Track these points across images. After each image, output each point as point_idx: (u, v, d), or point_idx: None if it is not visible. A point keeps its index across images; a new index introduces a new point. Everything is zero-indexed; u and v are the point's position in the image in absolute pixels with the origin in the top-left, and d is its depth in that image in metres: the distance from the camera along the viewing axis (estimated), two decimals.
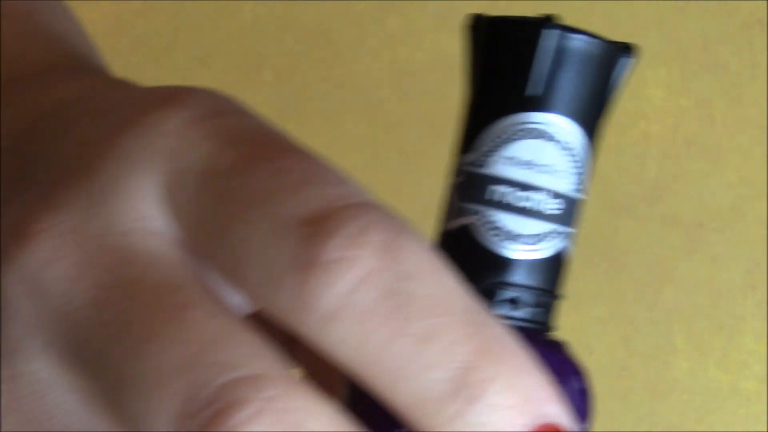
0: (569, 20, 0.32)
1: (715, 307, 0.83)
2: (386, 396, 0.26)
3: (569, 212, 0.30)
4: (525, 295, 0.30)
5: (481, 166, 0.29)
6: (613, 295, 0.83)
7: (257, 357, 0.26)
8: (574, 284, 0.92)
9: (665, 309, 0.83)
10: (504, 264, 0.29)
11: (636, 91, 0.83)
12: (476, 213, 0.29)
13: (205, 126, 0.28)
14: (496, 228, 0.29)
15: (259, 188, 0.27)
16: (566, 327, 0.95)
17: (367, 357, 0.26)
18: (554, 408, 0.27)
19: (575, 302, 0.83)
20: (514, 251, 0.29)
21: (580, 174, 0.30)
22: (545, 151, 0.29)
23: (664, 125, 0.83)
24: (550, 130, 0.29)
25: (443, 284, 0.26)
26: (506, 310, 0.30)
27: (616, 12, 0.83)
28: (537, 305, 0.30)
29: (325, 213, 0.26)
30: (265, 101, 0.86)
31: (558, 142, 0.30)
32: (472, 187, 0.29)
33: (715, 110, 0.83)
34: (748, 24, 0.83)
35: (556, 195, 0.29)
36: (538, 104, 0.30)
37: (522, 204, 0.29)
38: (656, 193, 0.83)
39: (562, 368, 0.30)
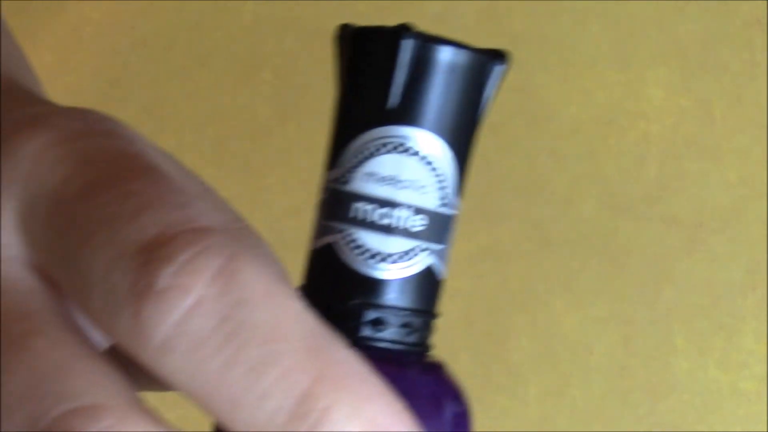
0: (569, 21, 0.32)
1: (715, 307, 0.83)
2: (228, 426, 0.26)
3: (436, 228, 0.29)
4: (392, 316, 0.29)
5: (344, 182, 0.29)
6: (613, 295, 0.83)
7: (96, 386, 0.26)
8: (574, 284, 0.92)
9: (665, 309, 0.83)
10: (368, 284, 0.28)
11: (636, 91, 0.83)
12: (340, 231, 0.29)
13: (64, 149, 0.28)
14: (359, 246, 0.28)
15: (104, 214, 0.26)
16: (566, 327, 0.95)
17: (203, 387, 0.25)
18: None
19: (575, 302, 0.83)
20: (378, 270, 0.28)
21: (444, 188, 0.29)
22: (407, 166, 0.28)
23: (664, 125, 0.83)
24: (410, 144, 0.28)
25: (281, 309, 0.26)
26: (371, 332, 0.29)
27: (616, 12, 0.83)
28: (405, 326, 0.29)
29: (162, 239, 0.26)
30: (265, 101, 0.86)
31: (420, 156, 0.28)
32: (335, 204, 0.29)
33: (715, 110, 0.83)
34: (748, 24, 0.83)
35: (420, 211, 0.29)
36: (398, 117, 0.28)
37: (384, 221, 0.28)
38: (656, 193, 0.83)
39: (438, 391, 0.29)
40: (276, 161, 0.80)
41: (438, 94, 0.28)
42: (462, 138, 0.29)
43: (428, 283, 0.29)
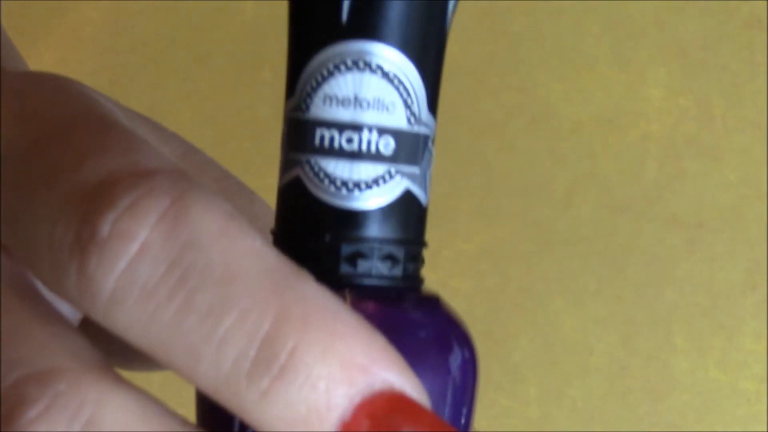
0: (569, 21, 0.31)
1: (715, 307, 0.83)
2: (190, 380, 0.23)
3: (407, 148, 0.26)
4: (371, 249, 0.26)
5: (303, 110, 0.26)
6: (613, 295, 0.83)
7: (50, 351, 0.24)
8: (574, 284, 0.92)
9: (665, 309, 0.83)
10: (341, 216, 0.26)
11: (636, 91, 0.83)
12: (305, 163, 0.26)
13: (7, 110, 0.26)
14: (327, 176, 0.26)
15: (45, 168, 0.25)
16: (566, 327, 0.95)
17: (158, 340, 0.23)
18: (387, 373, 0.23)
19: (575, 302, 0.83)
20: (350, 200, 0.26)
21: (411, 105, 0.26)
22: (367, 84, 0.26)
23: (664, 125, 0.83)
24: (369, 59, 0.26)
25: (235, 247, 0.23)
26: (350, 269, 0.26)
27: (616, 12, 0.83)
28: (388, 258, 0.26)
29: (104, 186, 0.24)
30: (265, 101, 0.86)
31: (381, 72, 0.26)
32: (296, 135, 0.26)
33: (715, 110, 0.83)
34: (748, 24, 0.83)
35: (387, 131, 0.26)
36: (352, 32, 0.26)
37: (350, 146, 0.26)
38: (656, 193, 0.83)
39: (435, 330, 0.27)
40: (276, 161, 0.80)
41: (394, 2, 0.26)
42: (426, 50, 0.27)
43: (407, 209, 0.27)
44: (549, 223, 0.83)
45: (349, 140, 0.26)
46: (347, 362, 0.23)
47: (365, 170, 0.26)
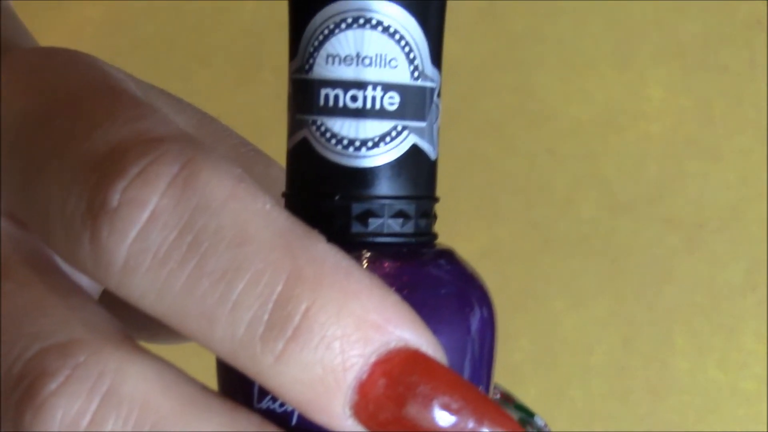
0: (569, 21, 0.31)
1: (715, 307, 0.82)
2: (206, 346, 0.23)
3: (413, 103, 0.26)
4: (381, 207, 0.26)
5: (306, 71, 0.26)
6: (613, 295, 0.83)
7: (69, 323, 0.24)
8: (574, 284, 0.92)
9: (665, 309, 0.83)
10: (350, 175, 0.26)
11: (636, 91, 0.83)
12: (311, 124, 0.26)
13: (21, 85, 0.26)
14: (334, 135, 0.26)
15: (57, 140, 0.25)
16: (566, 327, 0.95)
17: (172, 306, 0.23)
18: (402, 331, 0.23)
19: (575, 302, 0.83)
20: (358, 159, 0.26)
21: (414, 59, 0.26)
22: (369, 41, 0.26)
23: (664, 125, 0.83)
24: (369, 15, 0.26)
25: (245, 210, 0.23)
26: (361, 228, 0.26)
27: (617, 12, 0.83)
28: (399, 215, 0.26)
29: (114, 155, 0.24)
30: (265, 101, 0.86)
31: (382, 27, 0.26)
32: (301, 95, 0.26)
33: (715, 110, 0.83)
34: (748, 24, 0.83)
35: (391, 87, 0.26)
36: None
37: (355, 104, 0.26)
38: (656, 193, 0.83)
39: (451, 287, 0.26)
40: (277, 160, 0.80)
41: None
42: (426, 3, 0.26)
43: (416, 165, 0.26)
44: (549, 223, 0.83)
45: (354, 98, 0.26)
46: (361, 321, 0.23)
47: (371, 128, 0.26)
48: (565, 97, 0.83)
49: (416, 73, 0.26)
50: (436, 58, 0.27)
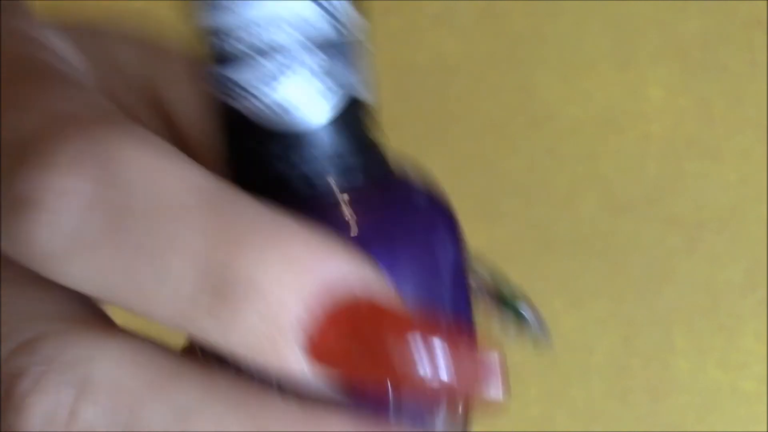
0: (569, 21, 0.31)
1: (715, 307, 0.82)
2: (153, 321, 0.23)
3: (339, 57, 0.24)
4: (329, 165, 0.24)
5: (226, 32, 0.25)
6: (613, 295, 0.83)
7: (33, 318, 0.24)
8: (574, 284, 0.92)
9: (665, 309, 0.83)
10: (291, 139, 0.24)
11: (636, 91, 0.83)
12: (245, 92, 0.24)
13: None
14: (268, 105, 0.24)
15: None
16: (566, 327, 0.95)
17: (111, 289, 0.23)
18: (333, 262, 0.22)
19: (575, 302, 0.83)
20: (296, 123, 0.24)
21: (333, 12, 0.24)
22: (286, 3, 0.24)
23: (664, 125, 0.83)
24: None
25: (164, 178, 0.22)
26: (311, 190, 0.24)
27: (617, 12, 0.83)
28: (348, 170, 0.25)
29: (25, 143, 0.23)
30: None
31: None
32: (225, 60, 0.24)
33: (715, 110, 0.83)
34: (748, 24, 0.83)
35: (315, 45, 0.24)
36: None
37: (281, 70, 0.24)
38: (656, 193, 0.83)
39: (419, 208, 0.25)
40: None
41: None
42: None
43: (356, 117, 0.25)
44: (549, 223, 0.83)
45: (282, 64, 0.24)
46: (290, 266, 0.22)
47: (303, 89, 0.24)
48: (565, 97, 0.83)
49: (338, 25, 0.25)
50: (356, 3, 0.25)
